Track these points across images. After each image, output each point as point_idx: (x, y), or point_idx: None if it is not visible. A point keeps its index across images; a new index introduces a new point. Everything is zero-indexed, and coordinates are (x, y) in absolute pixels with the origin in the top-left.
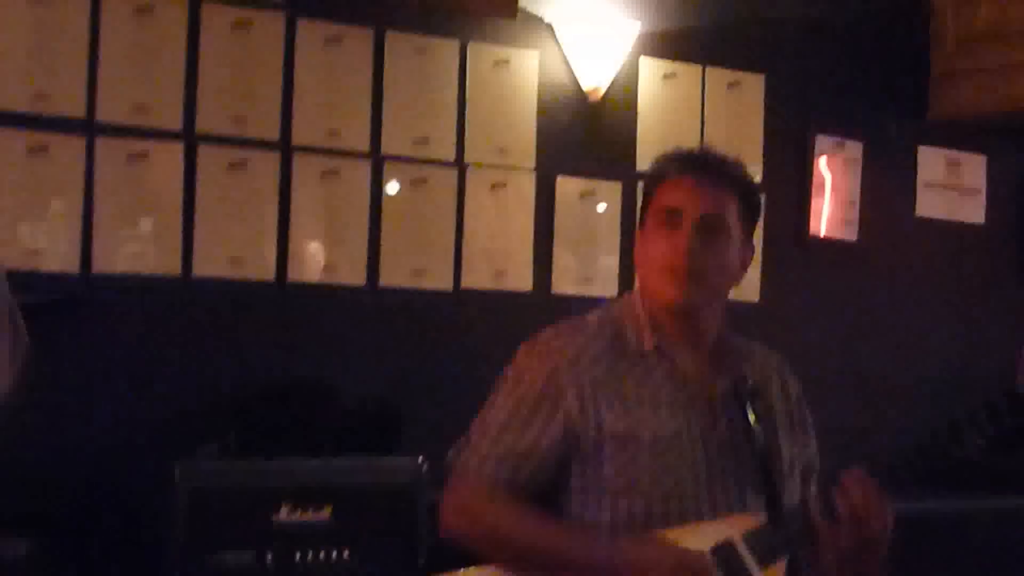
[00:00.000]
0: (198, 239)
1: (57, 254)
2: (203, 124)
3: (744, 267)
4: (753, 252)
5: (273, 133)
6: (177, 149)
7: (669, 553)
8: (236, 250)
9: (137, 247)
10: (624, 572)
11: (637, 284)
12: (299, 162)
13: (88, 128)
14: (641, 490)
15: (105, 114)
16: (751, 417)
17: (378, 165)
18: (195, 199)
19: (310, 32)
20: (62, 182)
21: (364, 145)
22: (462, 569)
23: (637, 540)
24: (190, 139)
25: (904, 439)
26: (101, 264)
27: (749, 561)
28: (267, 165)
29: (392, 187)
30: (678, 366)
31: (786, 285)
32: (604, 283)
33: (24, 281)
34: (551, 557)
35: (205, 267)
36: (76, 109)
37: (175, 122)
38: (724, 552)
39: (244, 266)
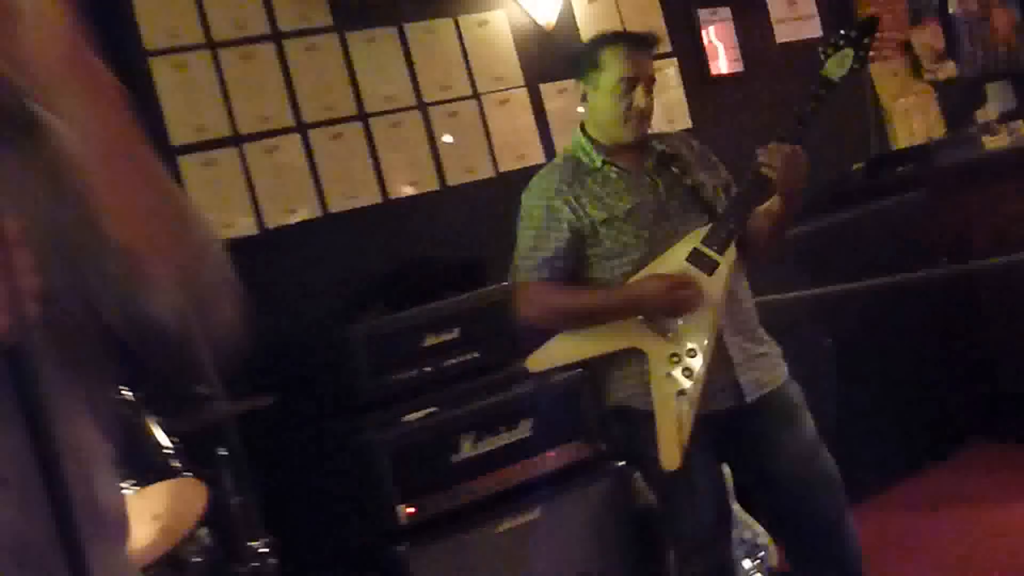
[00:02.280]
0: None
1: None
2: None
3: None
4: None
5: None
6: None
7: (660, 277)
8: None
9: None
10: (640, 303)
11: (586, 124)
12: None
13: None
14: (627, 247)
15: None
16: (674, 170)
17: (424, 112)
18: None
19: (356, 40)
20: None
21: (412, 100)
22: (545, 344)
23: (638, 280)
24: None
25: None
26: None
27: (711, 252)
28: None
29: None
30: (622, 165)
31: (703, 111)
32: None
33: None
34: (592, 311)
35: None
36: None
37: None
38: (693, 256)
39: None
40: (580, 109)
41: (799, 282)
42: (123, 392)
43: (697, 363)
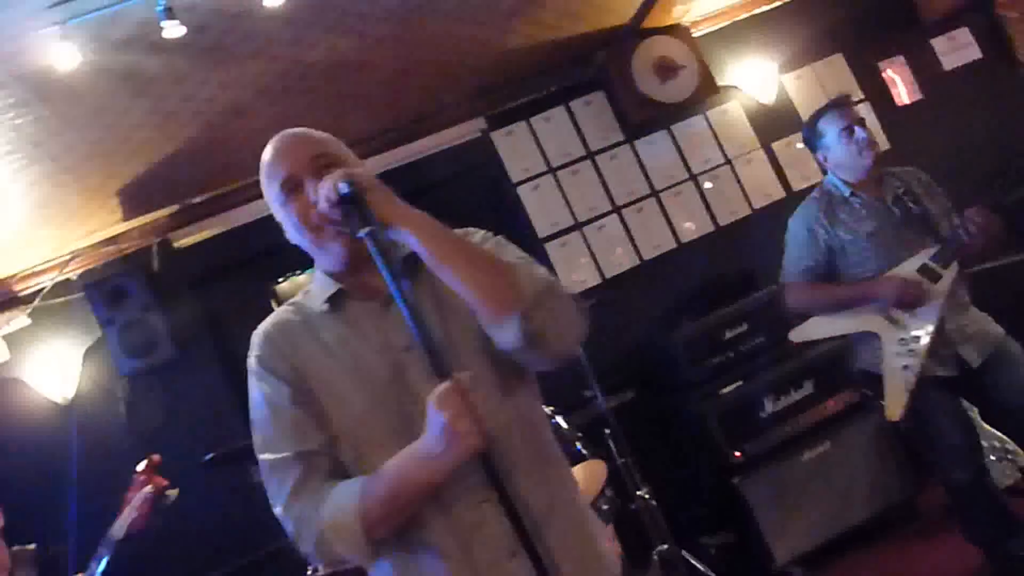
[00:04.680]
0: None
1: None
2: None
3: None
4: None
5: (646, 190)
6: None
7: (894, 277)
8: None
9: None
10: (877, 295)
11: (833, 172)
12: (665, 196)
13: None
14: (868, 260)
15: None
16: (907, 200)
17: (696, 181)
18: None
19: (641, 145)
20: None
21: (685, 174)
22: (802, 324)
23: (878, 279)
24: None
25: None
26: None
27: (936, 267)
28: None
29: (708, 190)
30: (864, 197)
31: (896, 134)
32: None
33: None
34: (842, 299)
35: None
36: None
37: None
38: (922, 269)
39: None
40: (823, 161)
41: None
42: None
43: (919, 346)
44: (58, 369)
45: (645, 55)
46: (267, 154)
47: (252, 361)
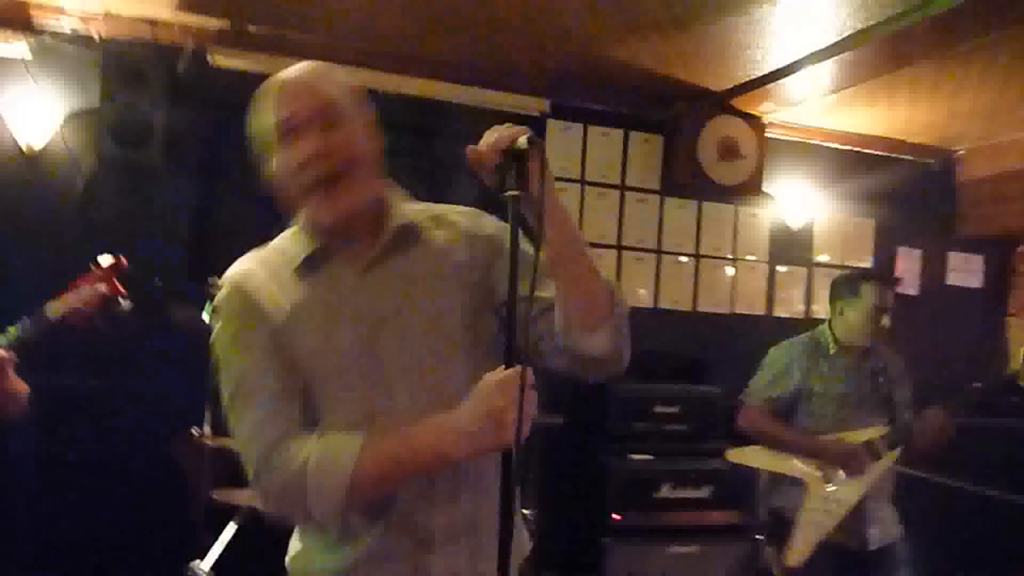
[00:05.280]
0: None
1: None
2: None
3: None
4: None
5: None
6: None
7: (845, 444)
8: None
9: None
10: (823, 453)
11: (832, 323)
12: (666, 259)
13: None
14: (825, 417)
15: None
16: (880, 380)
17: (697, 261)
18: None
19: (669, 202)
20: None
21: (692, 249)
22: (744, 448)
23: (830, 439)
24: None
25: None
26: None
27: (881, 448)
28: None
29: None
30: (848, 360)
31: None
32: None
33: None
34: (790, 444)
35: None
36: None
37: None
38: (868, 445)
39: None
40: (837, 312)
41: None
42: None
43: (839, 510)
44: (36, 116)
45: (717, 128)
46: (276, 80)
47: (221, 304)
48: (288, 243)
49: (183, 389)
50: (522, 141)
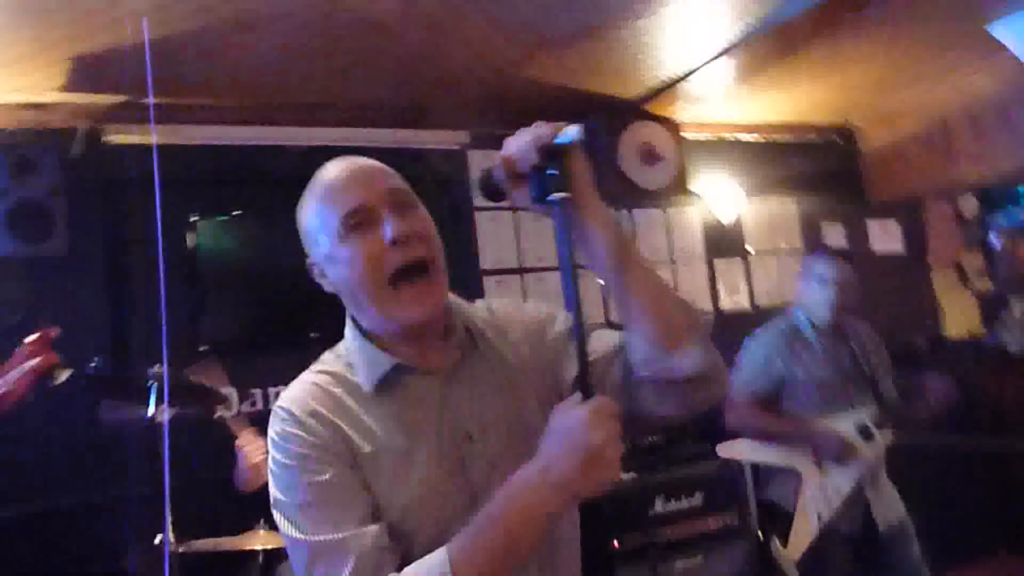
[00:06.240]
0: None
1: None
2: None
3: None
4: None
5: None
6: None
7: (835, 432)
8: None
9: None
10: (813, 440)
11: (801, 308)
12: None
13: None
14: (813, 401)
15: None
16: (856, 351)
17: None
18: None
19: None
20: None
21: None
22: (733, 441)
23: (819, 425)
24: None
25: None
26: None
27: (872, 427)
28: None
29: None
30: (824, 342)
31: None
32: None
33: None
34: (779, 433)
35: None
36: None
37: None
38: (861, 427)
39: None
40: (800, 293)
41: None
42: None
43: (836, 498)
44: None
45: (635, 134)
46: (329, 174)
47: (287, 433)
48: (352, 356)
49: (137, 495)
50: (571, 130)
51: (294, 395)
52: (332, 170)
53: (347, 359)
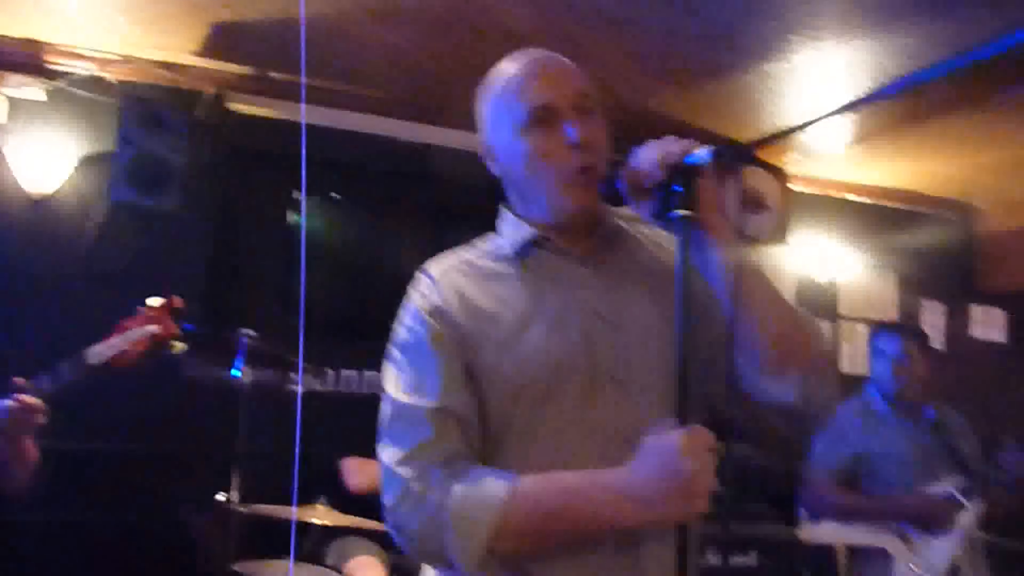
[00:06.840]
0: None
1: None
2: None
3: None
4: None
5: None
6: None
7: (925, 495)
8: None
9: None
10: (905, 512)
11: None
12: None
13: None
14: (895, 484)
15: None
16: (940, 432)
17: None
18: None
19: None
20: None
21: None
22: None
23: (907, 497)
24: None
25: None
26: None
27: (960, 497)
28: None
29: None
30: (903, 417)
31: None
32: None
33: None
34: (872, 511)
35: None
36: None
37: None
38: (946, 496)
39: None
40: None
41: None
42: None
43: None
44: (47, 160)
45: (743, 179)
46: (521, 65)
47: (416, 298)
48: (502, 228)
49: (208, 452)
50: (701, 152)
51: (439, 259)
52: (524, 61)
53: (496, 240)
